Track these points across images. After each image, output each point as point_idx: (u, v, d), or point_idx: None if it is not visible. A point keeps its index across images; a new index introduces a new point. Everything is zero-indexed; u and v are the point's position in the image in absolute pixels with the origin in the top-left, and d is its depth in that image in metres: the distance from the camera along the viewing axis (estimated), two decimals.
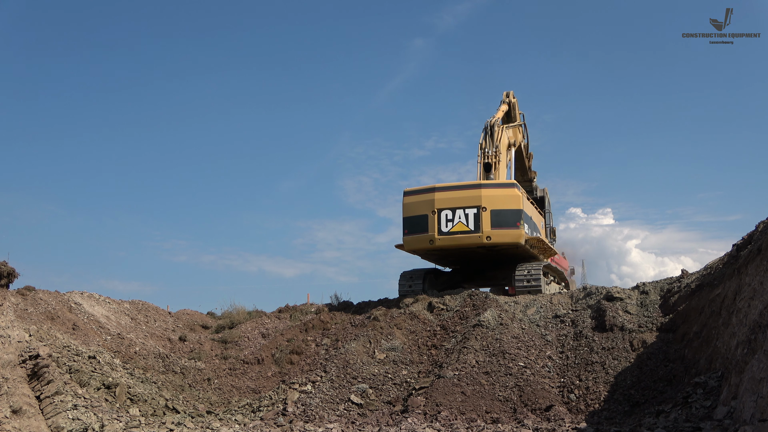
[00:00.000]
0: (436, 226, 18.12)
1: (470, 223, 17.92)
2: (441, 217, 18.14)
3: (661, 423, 9.72)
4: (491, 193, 18.14)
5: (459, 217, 18.02)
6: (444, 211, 18.15)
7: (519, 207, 18.15)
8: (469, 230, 17.91)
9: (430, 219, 18.23)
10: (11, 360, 10.65)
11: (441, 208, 18.19)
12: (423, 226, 18.33)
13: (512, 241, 18.14)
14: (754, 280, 10.06)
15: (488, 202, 17.93)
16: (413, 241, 18.65)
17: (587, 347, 14.00)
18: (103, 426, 10.45)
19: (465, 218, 17.97)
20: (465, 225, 17.95)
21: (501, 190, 18.29)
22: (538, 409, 12.20)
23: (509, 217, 17.98)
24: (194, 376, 15.95)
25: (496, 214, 17.89)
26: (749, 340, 8.92)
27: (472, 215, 17.93)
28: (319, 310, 20.04)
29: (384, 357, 15.14)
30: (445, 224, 18.09)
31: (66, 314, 15.54)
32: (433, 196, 18.36)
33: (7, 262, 12.14)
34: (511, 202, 18.14)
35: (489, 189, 18.25)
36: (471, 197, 18.09)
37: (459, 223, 18.01)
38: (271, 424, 12.30)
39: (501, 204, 18.02)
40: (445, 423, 11.53)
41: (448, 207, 18.16)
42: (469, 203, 18.02)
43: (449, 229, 18.05)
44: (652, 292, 15.79)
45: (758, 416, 7.34)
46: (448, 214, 18.13)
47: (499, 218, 17.88)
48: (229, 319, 20.50)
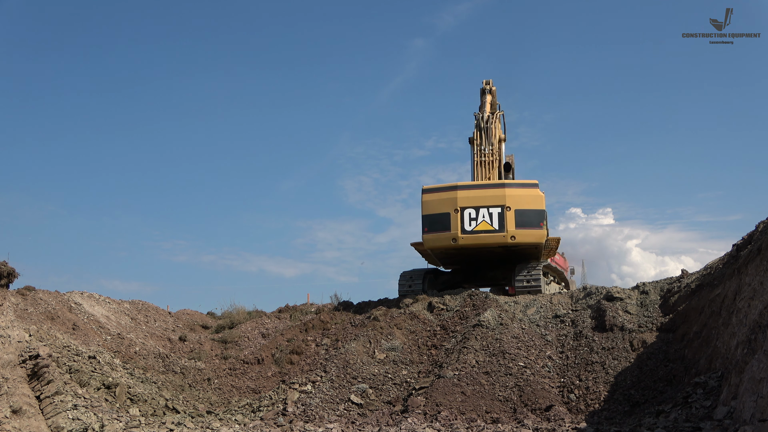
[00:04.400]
0: (459, 225, 17.96)
1: (494, 223, 17.83)
2: (464, 216, 18.00)
3: (661, 423, 9.72)
4: (515, 192, 18.08)
5: (483, 216, 17.93)
6: (467, 209, 18.01)
7: (542, 207, 18.18)
8: (494, 229, 17.82)
9: (453, 217, 18.06)
10: (11, 360, 10.65)
11: (464, 206, 18.04)
12: (445, 224, 18.13)
13: (536, 241, 18.15)
14: (754, 280, 10.06)
15: (512, 202, 17.89)
16: (434, 239, 18.41)
17: (587, 347, 14.00)
18: (103, 426, 10.45)
19: (489, 217, 17.88)
20: (489, 224, 17.86)
21: (524, 190, 18.23)
22: (538, 409, 12.20)
23: (533, 217, 17.95)
24: (194, 376, 15.95)
25: (520, 213, 17.84)
26: (749, 340, 8.92)
27: (496, 214, 17.85)
28: (319, 310, 20.04)
29: (384, 357, 15.14)
30: (468, 223, 17.96)
31: (66, 314, 15.54)
32: (456, 195, 18.20)
33: (7, 262, 12.16)
34: (535, 202, 18.11)
35: (513, 188, 18.20)
36: (495, 196, 18.00)
37: (483, 222, 17.91)
38: (271, 424, 12.30)
39: (525, 204, 17.98)
40: (445, 423, 11.52)
41: (471, 206, 18.03)
42: (493, 202, 17.92)
43: (473, 227, 17.93)
44: (652, 292, 15.78)
45: (758, 416, 7.34)
46: (471, 212, 18.00)
47: (523, 218, 17.85)
48: (229, 319, 20.51)
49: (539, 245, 18.39)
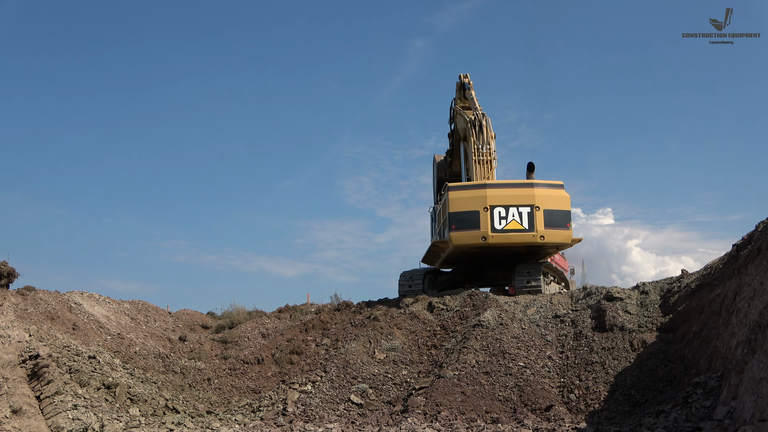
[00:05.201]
0: (489, 223, 17.85)
1: (524, 222, 17.80)
2: (494, 214, 17.91)
3: (661, 423, 9.72)
4: (543, 192, 18.13)
5: (512, 215, 17.86)
6: (497, 208, 17.91)
7: (569, 208, 18.26)
8: (523, 229, 17.78)
9: (482, 215, 17.92)
10: (11, 360, 10.65)
11: (494, 204, 17.92)
12: (474, 222, 17.96)
13: (563, 242, 18.24)
14: (754, 280, 10.06)
15: (541, 202, 17.91)
16: (463, 237, 18.18)
17: (587, 347, 14.00)
18: (103, 426, 10.45)
19: (518, 216, 17.82)
20: (519, 223, 17.81)
21: (552, 191, 18.30)
22: (538, 409, 12.20)
23: (560, 218, 18.04)
24: (194, 376, 15.95)
25: (549, 213, 17.88)
26: (749, 340, 8.92)
27: (525, 214, 17.81)
28: (319, 310, 20.04)
29: (384, 357, 15.14)
30: (498, 221, 17.88)
31: (66, 314, 15.54)
32: (485, 193, 18.09)
33: (7, 262, 12.14)
34: (562, 203, 18.20)
35: (541, 188, 18.23)
36: (524, 196, 17.99)
37: (513, 221, 17.84)
38: (271, 424, 12.31)
39: (552, 204, 18.04)
40: (445, 423, 11.53)
41: (501, 204, 17.93)
42: (523, 201, 17.89)
43: (503, 226, 17.85)
44: (652, 292, 15.78)
45: (758, 416, 7.35)
46: (501, 211, 17.89)
47: (552, 218, 17.89)
48: (229, 319, 20.51)
49: (565, 246, 18.50)
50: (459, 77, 23.01)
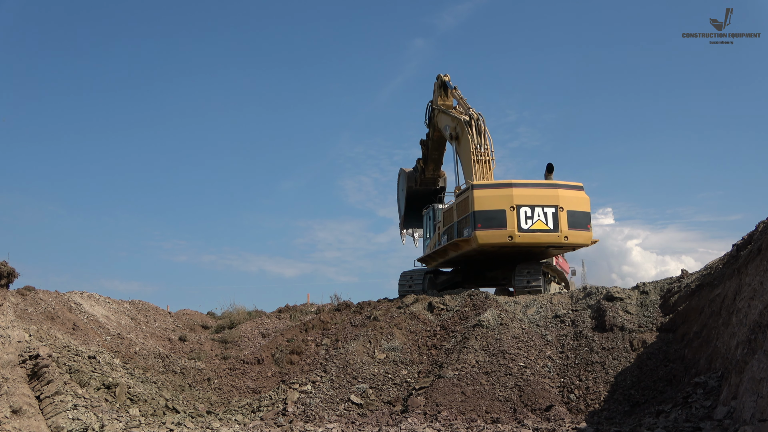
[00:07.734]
0: (515, 223, 17.87)
1: (549, 222, 17.93)
2: (520, 214, 17.95)
3: (661, 423, 9.72)
4: (566, 193, 18.30)
5: (538, 215, 17.95)
6: (523, 207, 17.97)
7: (588, 209, 18.47)
8: (549, 229, 17.92)
9: (509, 215, 17.93)
10: (11, 360, 10.65)
11: (520, 204, 17.98)
12: (500, 221, 17.95)
13: (584, 243, 18.46)
14: (754, 280, 10.06)
15: (565, 203, 18.07)
16: (489, 235, 18.10)
17: (587, 347, 14.00)
18: (103, 426, 10.45)
19: (544, 216, 17.93)
20: (544, 223, 17.91)
21: (573, 192, 18.51)
22: (538, 409, 12.20)
23: (582, 219, 18.26)
24: (194, 376, 15.95)
25: (572, 215, 18.07)
26: (749, 340, 8.92)
27: (550, 214, 17.95)
28: (319, 310, 20.04)
29: (384, 357, 15.14)
30: (524, 221, 17.94)
31: (66, 314, 15.53)
32: (512, 192, 18.13)
33: (7, 262, 12.16)
34: (582, 204, 18.41)
35: (564, 189, 18.40)
36: (549, 196, 18.14)
37: (538, 221, 17.92)
38: (271, 424, 12.31)
39: (574, 205, 18.23)
40: (445, 423, 11.53)
41: (527, 204, 18.01)
42: (547, 202, 18.03)
43: (529, 226, 17.92)
44: (652, 292, 15.78)
45: (758, 416, 7.35)
46: (527, 211, 17.96)
47: (574, 219, 18.10)
48: (229, 319, 20.50)
49: (583, 246, 18.71)
50: (438, 77, 22.97)
